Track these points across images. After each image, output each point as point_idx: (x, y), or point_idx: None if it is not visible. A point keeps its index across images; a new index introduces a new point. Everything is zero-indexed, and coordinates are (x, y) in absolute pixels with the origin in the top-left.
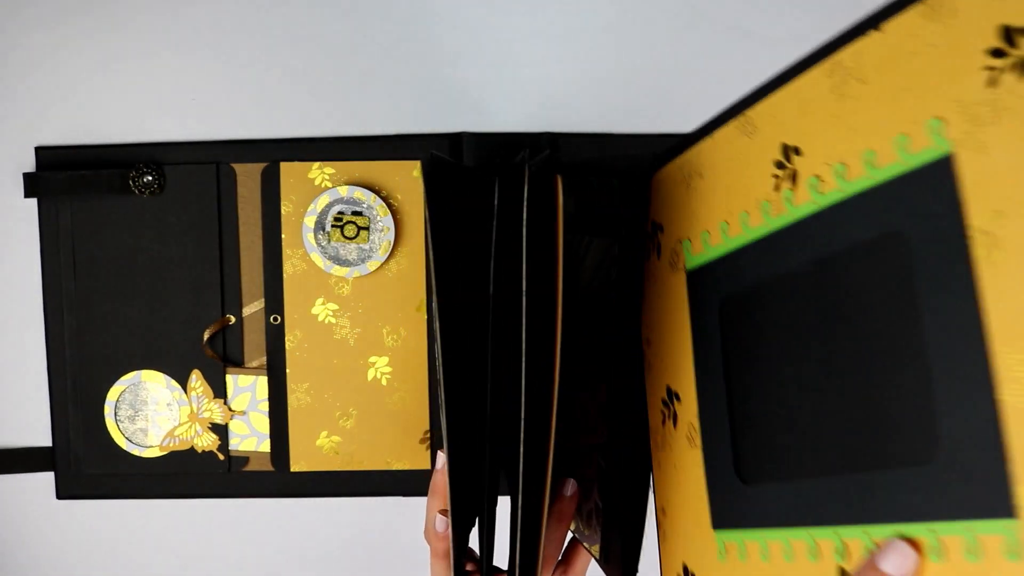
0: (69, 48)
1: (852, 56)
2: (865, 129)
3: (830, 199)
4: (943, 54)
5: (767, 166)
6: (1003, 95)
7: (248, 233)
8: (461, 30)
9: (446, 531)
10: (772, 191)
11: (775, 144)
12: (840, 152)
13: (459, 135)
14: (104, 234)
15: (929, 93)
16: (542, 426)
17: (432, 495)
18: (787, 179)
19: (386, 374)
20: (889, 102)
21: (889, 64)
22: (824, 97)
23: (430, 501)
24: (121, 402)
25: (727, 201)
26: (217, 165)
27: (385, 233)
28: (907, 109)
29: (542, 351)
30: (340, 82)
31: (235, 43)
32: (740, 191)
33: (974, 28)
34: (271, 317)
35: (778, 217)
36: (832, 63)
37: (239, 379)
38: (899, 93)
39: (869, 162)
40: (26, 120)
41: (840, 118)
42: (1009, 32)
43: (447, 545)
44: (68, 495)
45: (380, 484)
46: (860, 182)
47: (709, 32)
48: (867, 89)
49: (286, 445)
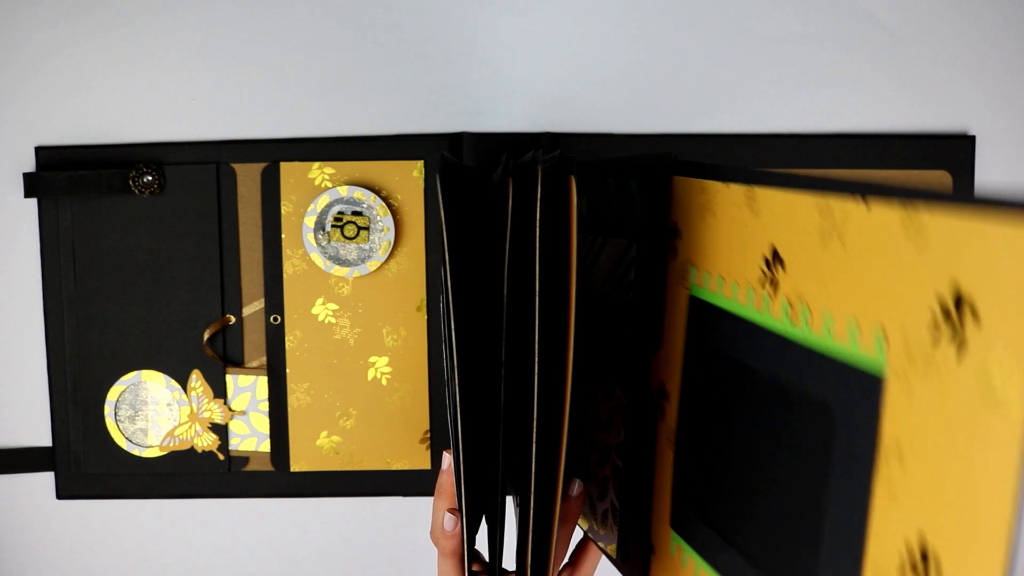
0: (69, 49)
1: (841, 211)
2: (831, 290)
3: (793, 334)
4: (907, 273)
5: (759, 256)
6: (937, 356)
7: (248, 233)
8: (461, 31)
9: (455, 529)
10: (758, 284)
11: (768, 241)
12: (808, 296)
13: (459, 135)
14: (104, 234)
15: (885, 299)
16: (554, 427)
17: (439, 495)
18: (770, 284)
19: (386, 374)
20: (855, 280)
21: (866, 243)
22: (811, 231)
23: (436, 501)
24: (121, 402)
25: (727, 259)
26: (217, 165)
27: (385, 233)
28: (865, 301)
29: (555, 351)
30: (340, 82)
31: (235, 43)
32: (737, 260)
33: (934, 271)
34: (271, 317)
35: (757, 313)
36: (824, 203)
37: (239, 379)
38: (865, 277)
39: (827, 326)
40: (26, 120)
41: (818, 263)
42: (959, 299)
43: (456, 544)
44: (68, 495)
45: (380, 484)
46: (816, 339)
47: (709, 32)
48: (844, 254)
49: (286, 445)
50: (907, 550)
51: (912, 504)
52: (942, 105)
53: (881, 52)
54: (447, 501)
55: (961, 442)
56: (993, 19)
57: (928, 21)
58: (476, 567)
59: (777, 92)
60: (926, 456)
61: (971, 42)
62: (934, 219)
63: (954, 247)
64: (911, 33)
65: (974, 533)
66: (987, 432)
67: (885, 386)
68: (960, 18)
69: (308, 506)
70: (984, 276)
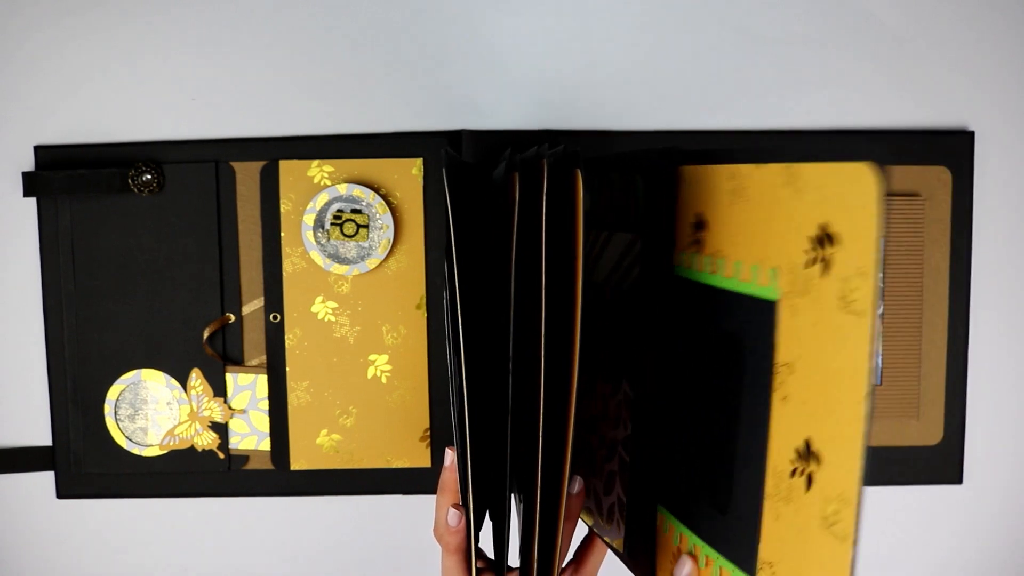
0: (68, 47)
1: (744, 173)
2: (740, 239)
3: (721, 283)
4: (789, 217)
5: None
6: (811, 277)
7: (247, 231)
8: (460, 28)
9: (460, 525)
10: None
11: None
12: (726, 248)
13: (458, 133)
14: (103, 233)
15: (776, 241)
16: (560, 423)
17: (442, 492)
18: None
19: (386, 372)
20: (755, 229)
21: (760, 197)
22: (723, 193)
23: (440, 498)
24: (121, 401)
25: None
26: (216, 164)
27: (384, 231)
28: (763, 245)
29: (561, 346)
30: (339, 80)
31: (234, 42)
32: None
33: (807, 211)
34: (271, 315)
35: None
36: (733, 169)
37: (239, 377)
38: (761, 225)
39: (737, 270)
40: (25, 119)
41: (731, 218)
42: (825, 231)
43: (460, 539)
44: (68, 494)
45: (380, 482)
46: (736, 283)
47: (709, 31)
48: (745, 206)
49: (286, 443)
50: (795, 451)
51: (800, 407)
52: (941, 101)
53: (881, 50)
54: (450, 498)
55: (828, 341)
56: (992, 16)
57: (927, 19)
58: (480, 564)
59: (777, 90)
60: (807, 361)
61: (970, 39)
62: (806, 167)
63: (818, 187)
64: (910, 31)
65: (841, 416)
66: (846, 329)
67: (777, 308)
68: (959, 15)
69: (308, 504)
70: (840, 206)
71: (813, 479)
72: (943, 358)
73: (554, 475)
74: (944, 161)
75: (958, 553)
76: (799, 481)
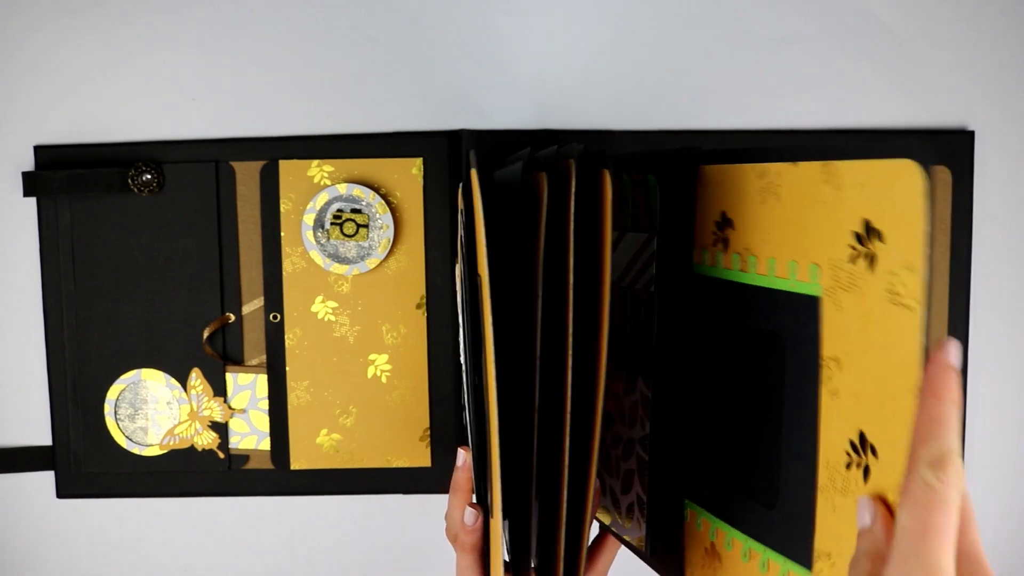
0: (68, 47)
1: (776, 172)
2: (774, 237)
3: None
4: (829, 214)
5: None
6: (856, 273)
7: (247, 231)
8: (460, 28)
9: (476, 524)
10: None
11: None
12: (756, 246)
13: (458, 132)
14: (103, 233)
15: (815, 237)
16: (587, 424)
17: (454, 492)
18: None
19: (386, 372)
20: (790, 226)
21: (795, 194)
22: (752, 191)
23: (452, 498)
24: (121, 401)
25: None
26: (216, 163)
27: (384, 231)
28: (800, 242)
29: (587, 346)
30: (339, 80)
31: (234, 41)
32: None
33: (849, 208)
34: (271, 315)
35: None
36: (763, 168)
37: (239, 377)
38: (798, 222)
39: (771, 267)
40: (25, 119)
41: (761, 215)
42: (868, 226)
43: (476, 538)
44: (68, 494)
45: (380, 482)
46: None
47: (708, 31)
48: (777, 204)
49: (286, 443)
50: (850, 443)
51: (851, 401)
52: (941, 101)
53: (880, 49)
54: (463, 497)
55: (877, 335)
56: (992, 15)
57: (927, 18)
58: None
59: (777, 90)
60: (856, 355)
61: (970, 38)
62: (845, 165)
63: (860, 184)
64: (910, 30)
65: (894, 409)
66: (895, 322)
67: (821, 303)
68: (959, 15)
69: (308, 504)
70: (884, 203)
71: (870, 472)
72: None
73: (580, 475)
74: (944, 160)
75: None
76: (856, 474)
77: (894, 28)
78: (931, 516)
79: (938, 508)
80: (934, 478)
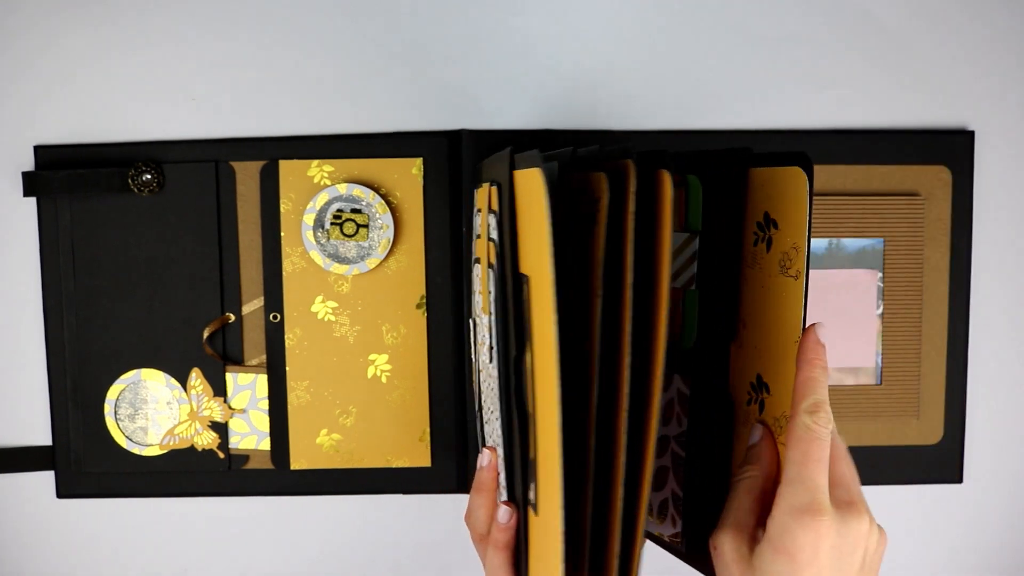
0: (68, 46)
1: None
2: None
3: None
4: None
5: None
6: (757, 252)
7: (247, 231)
8: (460, 28)
9: (511, 522)
10: None
11: None
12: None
13: (458, 132)
14: (103, 233)
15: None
16: (641, 424)
17: (478, 492)
18: None
19: (386, 372)
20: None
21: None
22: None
23: (476, 498)
24: (121, 401)
25: None
26: (216, 163)
27: (384, 231)
28: None
29: (643, 346)
30: (339, 80)
31: (234, 41)
32: None
33: (755, 203)
34: (271, 315)
35: None
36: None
37: (239, 377)
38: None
39: None
40: (25, 119)
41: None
42: (768, 217)
43: (510, 536)
44: (68, 494)
45: (380, 482)
46: None
47: (707, 31)
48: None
49: (286, 443)
50: (749, 384)
51: (752, 352)
52: (941, 101)
53: (881, 49)
54: (489, 497)
55: (772, 299)
56: (992, 15)
57: (927, 19)
58: None
59: (777, 90)
60: (757, 317)
61: (970, 38)
62: (753, 171)
63: (761, 185)
64: (910, 30)
65: (783, 355)
66: (785, 289)
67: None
68: (959, 15)
69: (308, 504)
70: (778, 199)
71: (764, 405)
72: (943, 358)
73: (635, 473)
74: (944, 160)
75: (958, 553)
76: (754, 407)
77: (894, 28)
78: (809, 448)
79: (814, 443)
80: (811, 421)
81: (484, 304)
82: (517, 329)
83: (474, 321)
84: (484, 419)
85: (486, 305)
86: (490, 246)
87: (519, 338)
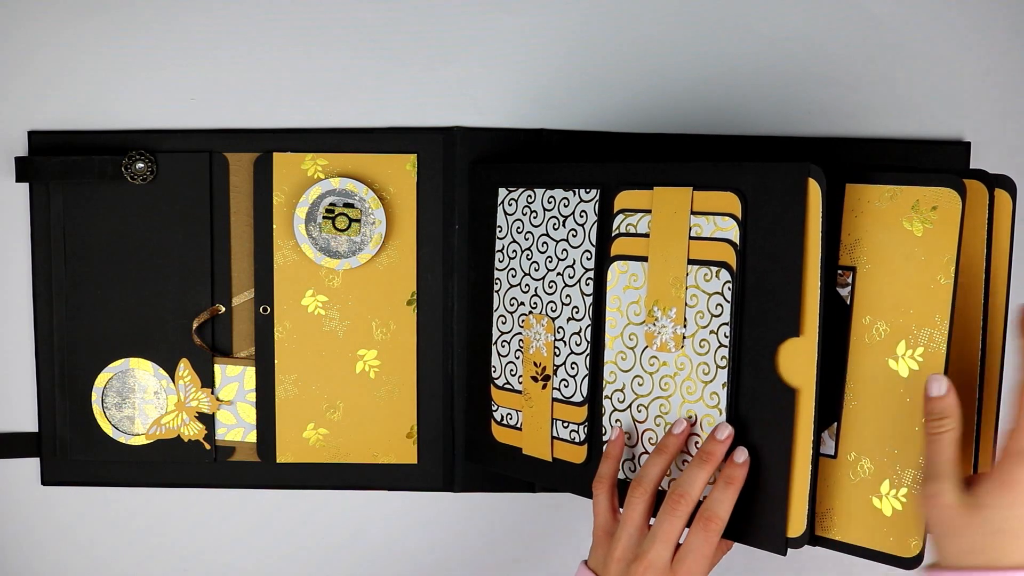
0: (64, 34)
1: None
2: None
3: None
4: None
5: None
6: None
7: (239, 223)
8: (456, 25)
9: (685, 429)
10: None
11: None
12: None
13: (451, 129)
14: (95, 220)
15: None
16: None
17: (605, 459)
18: None
19: (374, 367)
20: None
21: None
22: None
23: (604, 464)
24: (108, 389)
25: None
26: (210, 154)
27: (376, 226)
28: None
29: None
30: (334, 74)
31: (231, 33)
32: None
33: None
34: (261, 307)
35: None
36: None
37: (227, 369)
38: None
39: None
40: (19, 104)
41: None
42: None
43: (743, 473)
44: (53, 481)
45: (366, 477)
46: None
47: (706, 34)
48: None
49: (273, 436)
50: None
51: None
52: (938, 113)
53: (877, 59)
54: (612, 463)
55: None
56: (988, 27)
57: (923, 30)
58: None
59: (774, 96)
60: None
61: (966, 49)
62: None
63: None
64: (907, 41)
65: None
66: None
67: None
68: (956, 26)
69: (294, 498)
70: None
71: None
72: None
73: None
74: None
75: None
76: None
77: (891, 40)
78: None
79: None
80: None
81: (661, 299)
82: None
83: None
84: (632, 404)
85: (663, 300)
86: (725, 247)
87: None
